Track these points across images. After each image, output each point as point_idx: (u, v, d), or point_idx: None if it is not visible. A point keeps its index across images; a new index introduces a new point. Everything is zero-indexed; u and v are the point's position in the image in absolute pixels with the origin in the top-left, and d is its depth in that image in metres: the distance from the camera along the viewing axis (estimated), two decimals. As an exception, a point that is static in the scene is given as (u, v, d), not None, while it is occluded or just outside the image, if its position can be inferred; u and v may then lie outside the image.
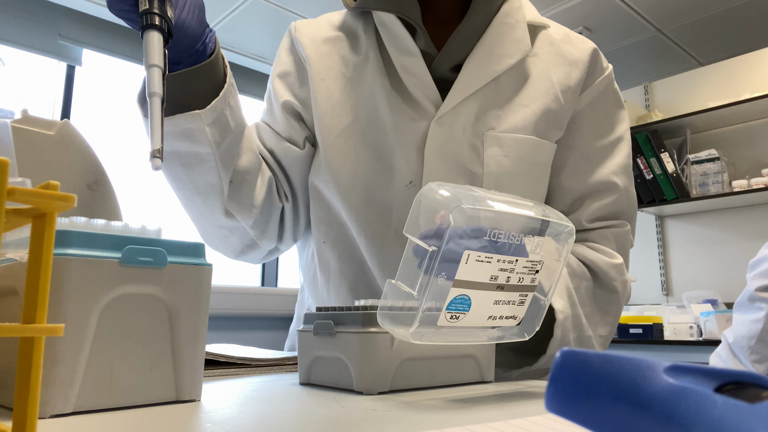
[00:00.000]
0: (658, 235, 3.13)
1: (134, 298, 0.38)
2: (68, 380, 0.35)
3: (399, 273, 0.41)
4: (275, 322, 2.61)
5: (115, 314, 0.37)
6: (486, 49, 0.73)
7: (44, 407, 0.34)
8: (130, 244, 0.38)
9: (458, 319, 0.43)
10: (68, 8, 2.65)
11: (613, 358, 0.20)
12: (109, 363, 0.37)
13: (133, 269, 0.38)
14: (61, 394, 0.34)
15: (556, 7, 2.69)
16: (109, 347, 0.37)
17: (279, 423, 0.35)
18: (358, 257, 0.75)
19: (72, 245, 0.36)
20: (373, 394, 0.45)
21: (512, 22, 0.75)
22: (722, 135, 2.94)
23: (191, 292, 0.41)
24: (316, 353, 0.50)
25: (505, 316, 0.47)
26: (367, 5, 0.76)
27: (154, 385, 0.39)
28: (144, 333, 0.39)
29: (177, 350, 0.40)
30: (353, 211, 0.74)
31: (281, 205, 0.78)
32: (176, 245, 0.41)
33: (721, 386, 0.18)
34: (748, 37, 2.97)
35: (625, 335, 2.37)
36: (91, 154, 0.64)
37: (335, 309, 0.51)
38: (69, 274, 0.35)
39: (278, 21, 2.78)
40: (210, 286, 0.43)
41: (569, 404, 0.20)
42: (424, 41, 0.73)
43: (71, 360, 0.35)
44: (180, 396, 0.40)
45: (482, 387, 0.51)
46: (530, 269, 0.46)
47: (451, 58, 0.73)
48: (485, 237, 0.42)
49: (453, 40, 0.73)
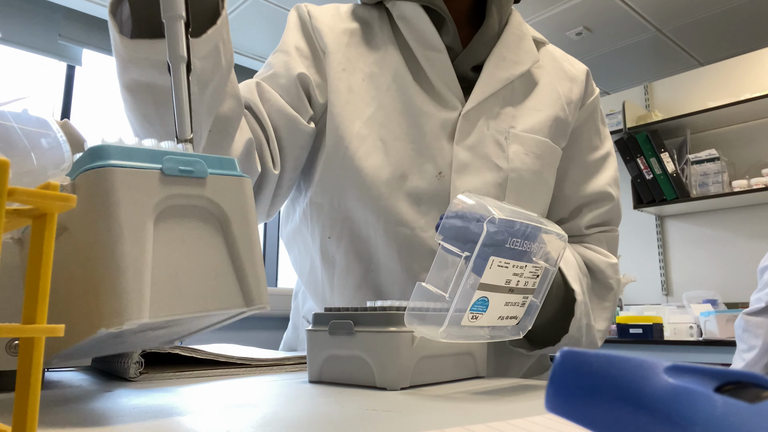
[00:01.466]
0: (658, 235, 3.13)
1: (184, 209, 0.37)
2: (137, 288, 0.34)
3: (429, 276, 0.45)
4: (275, 322, 2.61)
5: (168, 225, 0.36)
6: (502, 53, 0.78)
7: (117, 317, 0.33)
8: (167, 156, 0.37)
9: (477, 320, 0.47)
10: (68, 8, 2.65)
11: (613, 358, 0.20)
12: (174, 272, 0.36)
13: (177, 179, 0.37)
14: (134, 303, 0.34)
15: (556, 7, 2.69)
16: (170, 257, 0.36)
17: (278, 423, 0.35)
18: (366, 254, 0.74)
19: (111, 157, 0.35)
20: (396, 389, 0.48)
21: (521, 34, 0.81)
22: (722, 135, 2.94)
23: (237, 202, 0.40)
24: (330, 352, 0.52)
25: (510, 316, 0.51)
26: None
27: (223, 294, 0.39)
28: (201, 244, 0.38)
29: (236, 260, 0.40)
30: (377, 202, 0.72)
31: (258, 170, 0.72)
32: (211, 158, 0.40)
33: (721, 386, 0.18)
34: (748, 37, 2.97)
35: (625, 335, 2.37)
36: (91, 154, 0.64)
37: (352, 309, 0.53)
38: (115, 184, 0.34)
39: (278, 21, 2.78)
40: (253, 198, 0.42)
41: (569, 404, 0.20)
42: (452, 37, 0.75)
43: (135, 268, 0.34)
44: (249, 303, 0.40)
45: (482, 386, 0.51)
46: (534, 273, 0.50)
47: (474, 58, 0.77)
48: (506, 245, 0.45)
49: (477, 41, 0.76)
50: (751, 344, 1.48)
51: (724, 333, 2.17)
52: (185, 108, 0.44)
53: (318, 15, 0.80)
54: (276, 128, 0.74)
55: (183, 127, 0.43)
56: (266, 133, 0.73)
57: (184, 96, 0.44)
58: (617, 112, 3.07)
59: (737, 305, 2.67)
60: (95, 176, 0.34)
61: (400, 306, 0.51)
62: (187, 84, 0.45)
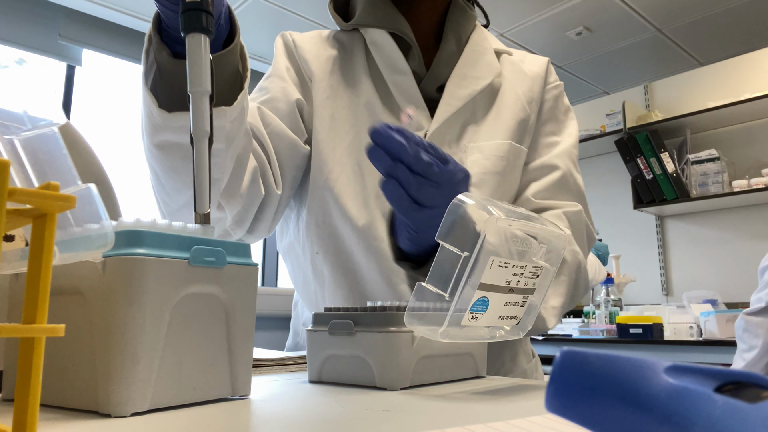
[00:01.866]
0: (658, 235, 3.13)
1: (198, 297, 0.40)
2: (146, 378, 0.35)
3: (429, 276, 0.44)
4: (275, 322, 2.61)
5: (182, 313, 0.38)
6: (462, 72, 0.82)
7: (124, 406, 0.34)
8: (195, 245, 0.39)
9: (476, 320, 0.46)
10: (68, 8, 2.65)
11: (613, 358, 0.20)
12: (178, 361, 0.38)
13: (199, 269, 0.39)
14: (141, 392, 0.35)
15: (556, 7, 2.69)
16: (178, 346, 0.38)
17: (278, 422, 0.35)
18: (351, 268, 0.77)
19: (145, 245, 0.37)
20: (396, 389, 0.48)
21: (481, 50, 0.86)
22: (722, 135, 2.94)
23: (244, 292, 0.43)
24: (330, 352, 0.52)
25: (510, 316, 0.50)
26: (365, 23, 0.82)
27: (214, 382, 0.41)
28: (206, 331, 0.40)
29: (232, 348, 0.42)
30: (356, 222, 0.75)
31: (263, 194, 0.75)
32: (230, 245, 0.42)
33: (721, 386, 0.18)
34: (748, 37, 2.97)
35: (625, 335, 2.37)
36: (91, 154, 0.64)
37: (352, 309, 0.53)
38: (147, 274, 0.36)
39: (278, 21, 2.78)
40: (257, 285, 0.45)
41: (569, 404, 0.20)
42: (418, 61, 0.81)
43: (149, 358, 0.36)
44: (235, 392, 0.42)
45: (482, 386, 0.51)
46: (534, 273, 0.50)
47: (436, 80, 0.81)
48: (506, 245, 0.46)
49: (437, 63, 0.81)
50: (752, 344, 1.48)
51: (724, 333, 2.17)
52: (205, 183, 0.46)
53: (302, 43, 0.85)
54: (277, 151, 0.77)
55: (202, 202, 0.46)
56: (269, 157, 0.76)
57: (205, 171, 0.46)
58: (617, 112, 3.07)
59: (737, 305, 2.67)
60: (128, 264, 0.36)
61: (400, 306, 0.51)
62: (208, 158, 0.47)
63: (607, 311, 2.63)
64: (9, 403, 0.39)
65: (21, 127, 0.28)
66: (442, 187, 0.55)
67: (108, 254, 0.36)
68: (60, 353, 0.38)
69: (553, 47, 3.08)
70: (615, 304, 2.65)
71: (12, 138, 0.28)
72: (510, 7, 2.70)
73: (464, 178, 0.58)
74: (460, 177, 0.57)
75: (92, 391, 0.35)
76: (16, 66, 0.31)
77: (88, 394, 0.36)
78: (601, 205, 3.36)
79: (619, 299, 2.68)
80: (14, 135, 0.28)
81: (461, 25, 0.85)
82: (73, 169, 0.29)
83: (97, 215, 0.29)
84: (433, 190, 0.55)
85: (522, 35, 2.96)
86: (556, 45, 3.06)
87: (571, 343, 2.59)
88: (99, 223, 0.29)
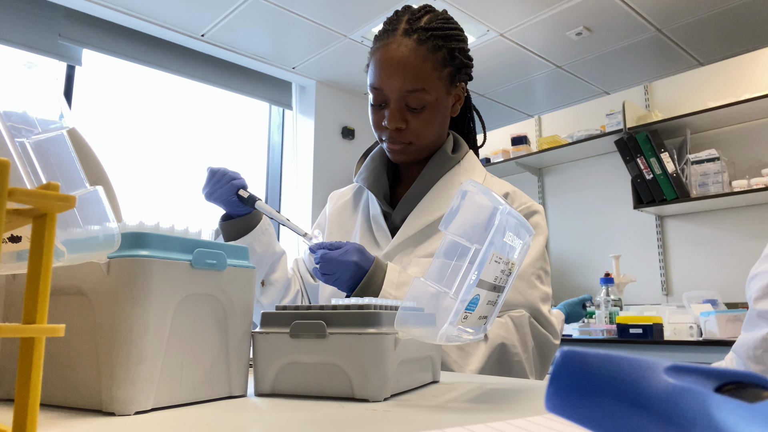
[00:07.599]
0: (658, 235, 3.13)
1: (199, 298, 0.40)
2: (150, 377, 0.36)
3: (429, 272, 0.40)
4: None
5: (183, 314, 0.39)
6: (424, 206, 1.02)
7: (129, 405, 0.35)
8: (197, 247, 0.40)
9: (466, 320, 0.42)
10: (68, 8, 2.65)
11: (613, 358, 0.20)
12: (180, 361, 0.39)
13: (200, 271, 0.40)
14: (145, 391, 0.36)
15: (556, 7, 2.69)
16: (180, 346, 0.39)
17: (278, 423, 0.35)
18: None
19: (149, 247, 0.37)
20: (379, 400, 0.42)
21: (449, 186, 1.03)
22: (722, 135, 2.94)
23: (242, 293, 0.44)
24: (289, 359, 0.45)
25: (484, 316, 0.46)
26: (359, 182, 1.11)
27: (214, 382, 0.41)
28: (205, 332, 0.41)
29: (230, 349, 0.43)
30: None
31: None
32: (230, 248, 0.43)
33: (721, 386, 0.18)
34: (748, 37, 2.97)
35: (625, 335, 2.37)
36: (91, 154, 0.64)
37: (318, 308, 0.45)
38: (152, 275, 0.36)
39: (278, 21, 2.78)
40: (254, 287, 0.46)
41: (569, 404, 0.20)
42: (385, 207, 1.07)
43: (153, 358, 0.36)
44: (232, 392, 0.43)
45: (482, 387, 0.51)
46: (508, 270, 0.46)
47: (402, 214, 1.04)
48: (504, 239, 0.43)
49: (403, 202, 1.04)
50: None
51: (724, 333, 2.17)
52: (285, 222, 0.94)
53: (334, 194, 1.22)
54: (304, 286, 1.15)
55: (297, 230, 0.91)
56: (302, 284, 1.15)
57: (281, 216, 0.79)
58: (617, 112, 3.07)
59: (737, 305, 2.67)
60: (133, 265, 0.36)
61: (378, 305, 0.45)
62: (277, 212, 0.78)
63: (607, 311, 2.63)
64: (9, 403, 0.39)
65: (32, 129, 0.29)
66: (334, 261, 0.85)
67: (112, 255, 0.36)
68: (63, 353, 0.38)
69: (553, 47, 3.08)
70: (615, 304, 2.65)
71: (23, 141, 0.28)
72: (510, 7, 2.69)
73: (353, 248, 0.86)
74: (350, 248, 0.86)
75: (96, 390, 0.35)
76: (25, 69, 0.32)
77: (91, 393, 0.36)
78: (601, 205, 3.36)
79: (619, 299, 2.68)
80: (25, 138, 0.28)
81: (435, 170, 1.04)
82: (81, 172, 0.29)
83: (105, 217, 0.29)
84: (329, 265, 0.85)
85: (522, 35, 2.96)
86: (556, 45, 3.06)
87: (571, 343, 2.59)
88: (106, 225, 0.29)
